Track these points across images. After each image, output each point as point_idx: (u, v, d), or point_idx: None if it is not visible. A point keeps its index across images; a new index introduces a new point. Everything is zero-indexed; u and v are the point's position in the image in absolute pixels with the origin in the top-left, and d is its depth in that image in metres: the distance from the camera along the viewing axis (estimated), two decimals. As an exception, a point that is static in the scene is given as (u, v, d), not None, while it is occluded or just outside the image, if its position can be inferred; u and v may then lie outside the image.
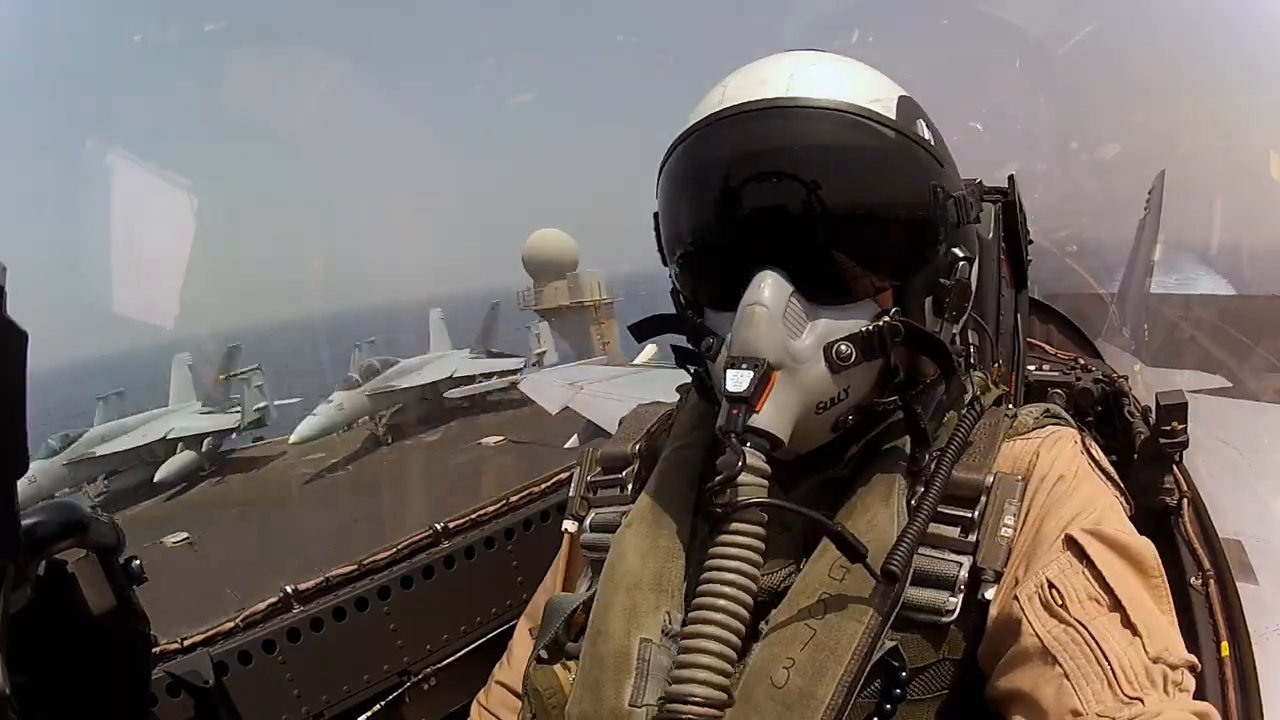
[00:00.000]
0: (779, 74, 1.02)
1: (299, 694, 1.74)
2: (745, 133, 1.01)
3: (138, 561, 0.95)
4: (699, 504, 1.13)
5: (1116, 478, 1.11)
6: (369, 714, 1.82)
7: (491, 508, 2.05)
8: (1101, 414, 1.79)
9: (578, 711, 1.09)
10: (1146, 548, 0.98)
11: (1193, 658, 0.91)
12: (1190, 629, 1.33)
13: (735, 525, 0.95)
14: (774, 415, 0.97)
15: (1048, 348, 1.98)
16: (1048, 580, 0.93)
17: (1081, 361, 1.87)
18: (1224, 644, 1.28)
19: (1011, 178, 1.48)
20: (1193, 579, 1.41)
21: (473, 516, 2.03)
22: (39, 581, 0.82)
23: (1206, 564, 1.43)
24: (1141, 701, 0.84)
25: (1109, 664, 0.87)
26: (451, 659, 1.93)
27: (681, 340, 1.16)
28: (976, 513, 1.01)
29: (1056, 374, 1.80)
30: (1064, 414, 1.19)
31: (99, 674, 0.92)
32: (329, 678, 1.79)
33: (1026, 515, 1.01)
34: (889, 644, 0.96)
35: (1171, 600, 0.98)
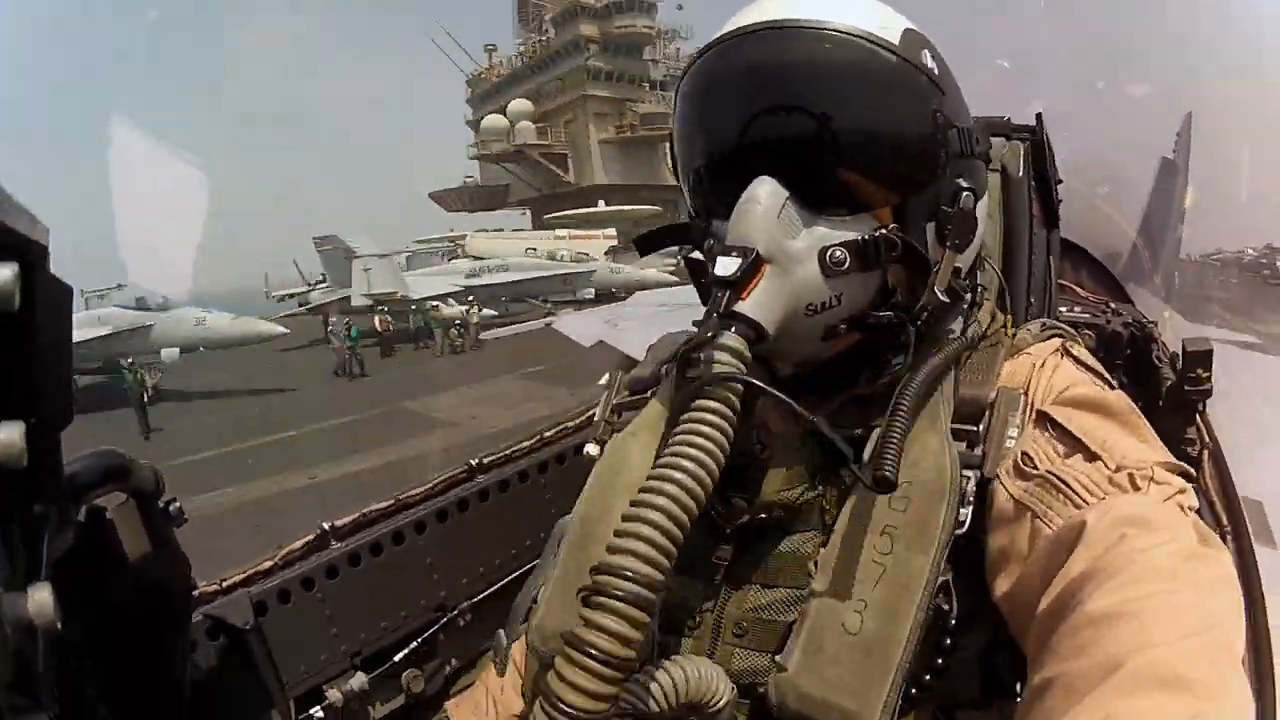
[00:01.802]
0: (782, 4, 1.04)
1: (337, 632, 1.78)
2: (748, 51, 1.04)
3: (177, 504, 0.98)
4: None
5: (1101, 370, 1.12)
6: (405, 652, 1.87)
7: (526, 443, 2.09)
8: (1130, 358, 1.78)
9: (552, 625, 1.06)
10: (1113, 395, 1.02)
11: (1172, 459, 0.94)
12: None
13: (707, 395, 0.90)
14: (759, 305, 0.97)
15: (1079, 290, 1.96)
16: (1021, 452, 0.97)
17: (1112, 305, 1.85)
18: None
19: (1039, 115, 1.44)
20: None
21: (507, 452, 2.06)
22: (80, 527, 0.84)
23: (1224, 520, 1.42)
24: (1104, 498, 0.88)
25: (1069, 488, 0.90)
26: (485, 594, 1.97)
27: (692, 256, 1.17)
28: (982, 427, 1.03)
29: (1087, 316, 1.79)
30: (1060, 325, 1.20)
31: (141, 618, 0.95)
32: (366, 615, 1.83)
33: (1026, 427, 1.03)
34: (943, 578, 0.95)
35: (1149, 433, 1.00)
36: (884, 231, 1.02)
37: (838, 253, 1.00)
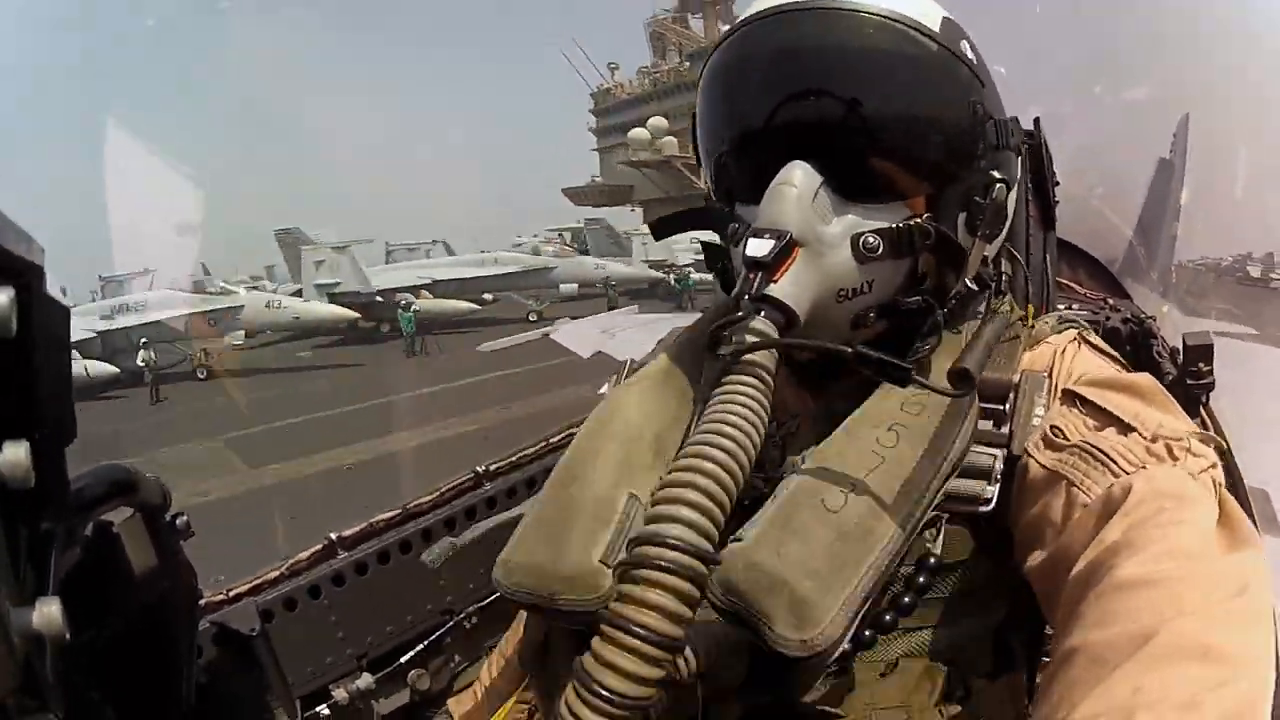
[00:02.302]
0: None
1: (343, 636, 1.80)
2: (785, 31, 1.01)
3: (184, 518, 0.98)
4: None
5: (1119, 358, 1.13)
6: (411, 653, 1.89)
7: (532, 449, 2.09)
8: (1130, 354, 1.80)
9: (524, 559, 0.95)
10: (1142, 377, 1.02)
11: (1202, 430, 0.93)
12: None
13: (744, 363, 0.87)
14: (791, 288, 0.94)
15: (1077, 288, 1.98)
16: (1051, 425, 0.97)
17: (1110, 302, 1.87)
18: None
19: (1037, 120, 1.46)
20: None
21: (514, 459, 2.07)
22: (87, 542, 0.85)
23: None
24: (1144, 468, 0.87)
25: (1108, 456, 0.89)
26: (493, 598, 1.98)
27: (706, 240, 1.17)
28: (1008, 406, 1.02)
29: (1086, 313, 1.80)
30: (1077, 318, 1.20)
31: (147, 629, 0.96)
32: (373, 619, 1.85)
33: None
34: (932, 513, 0.92)
35: (1178, 408, 1.00)
36: (918, 220, 1.01)
37: (871, 239, 0.99)
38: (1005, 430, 1.01)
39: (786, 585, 0.81)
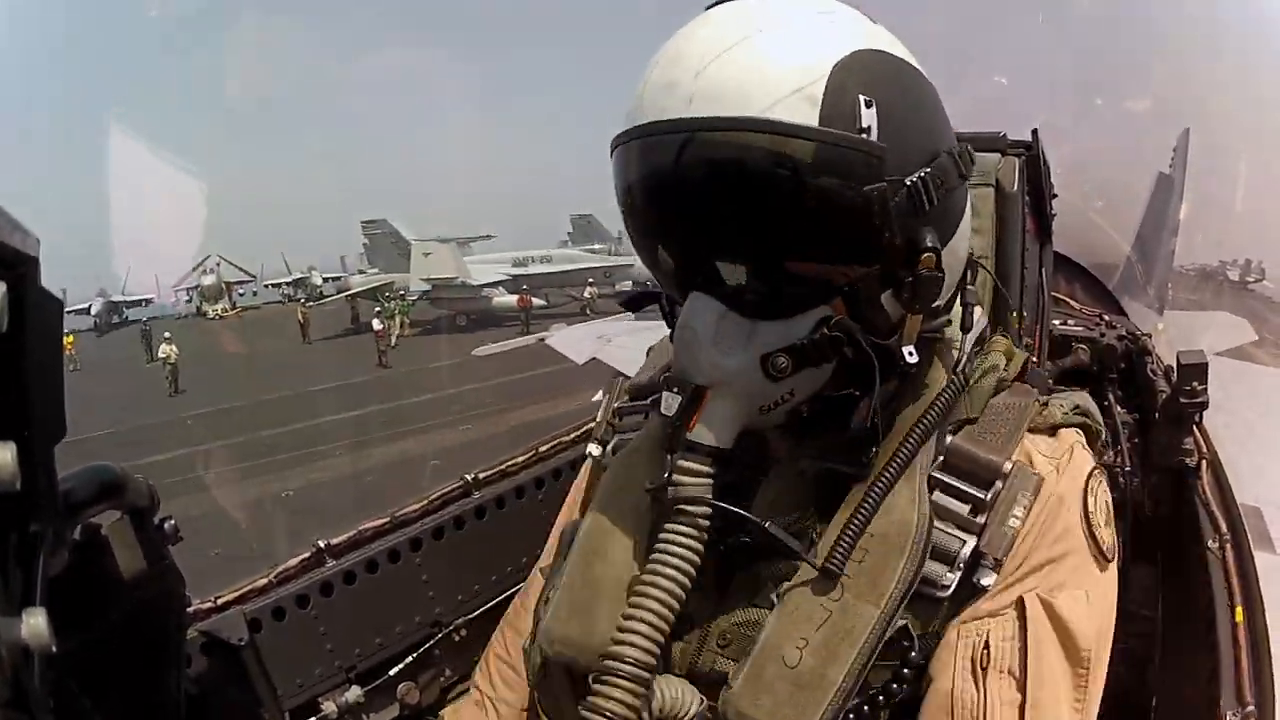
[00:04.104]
0: (687, 72, 0.94)
1: (331, 648, 1.77)
2: (653, 160, 0.98)
3: (172, 521, 0.97)
4: None
5: (1109, 520, 1.07)
6: (400, 666, 1.86)
7: (521, 458, 2.08)
8: (1125, 371, 1.80)
9: (562, 632, 1.11)
10: (1088, 632, 1.00)
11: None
12: (1205, 592, 1.34)
13: (671, 527, 1.00)
14: (709, 429, 0.99)
15: (1073, 303, 1.98)
16: (985, 640, 0.98)
17: (1106, 318, 1.86)
18: (1238, 609, 1.28)
19: (1035, 132, 1.46)
20: (1210, 542, 1.41)
21: (503, 467, 2.06)
22: (75, 545, 0.84)
23: (1224, 527, 1.43)
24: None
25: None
26: (482, 610, 1.96)
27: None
28: (990, 495, 1.01)
29: (1081, 329, 1.80)
30: (1093, 413, 1.16)
31: (135, 635, 0.95)
32: (361, 630, 1.82)
33: (1029, 522, 1.01)
34: (900, 622, 0.99)
35: (1094, 692, 1.01)
36: (825, 331, 0.97)
37: (780, 360, 0.98)
38: (981, 520, 1.00)
39: None
